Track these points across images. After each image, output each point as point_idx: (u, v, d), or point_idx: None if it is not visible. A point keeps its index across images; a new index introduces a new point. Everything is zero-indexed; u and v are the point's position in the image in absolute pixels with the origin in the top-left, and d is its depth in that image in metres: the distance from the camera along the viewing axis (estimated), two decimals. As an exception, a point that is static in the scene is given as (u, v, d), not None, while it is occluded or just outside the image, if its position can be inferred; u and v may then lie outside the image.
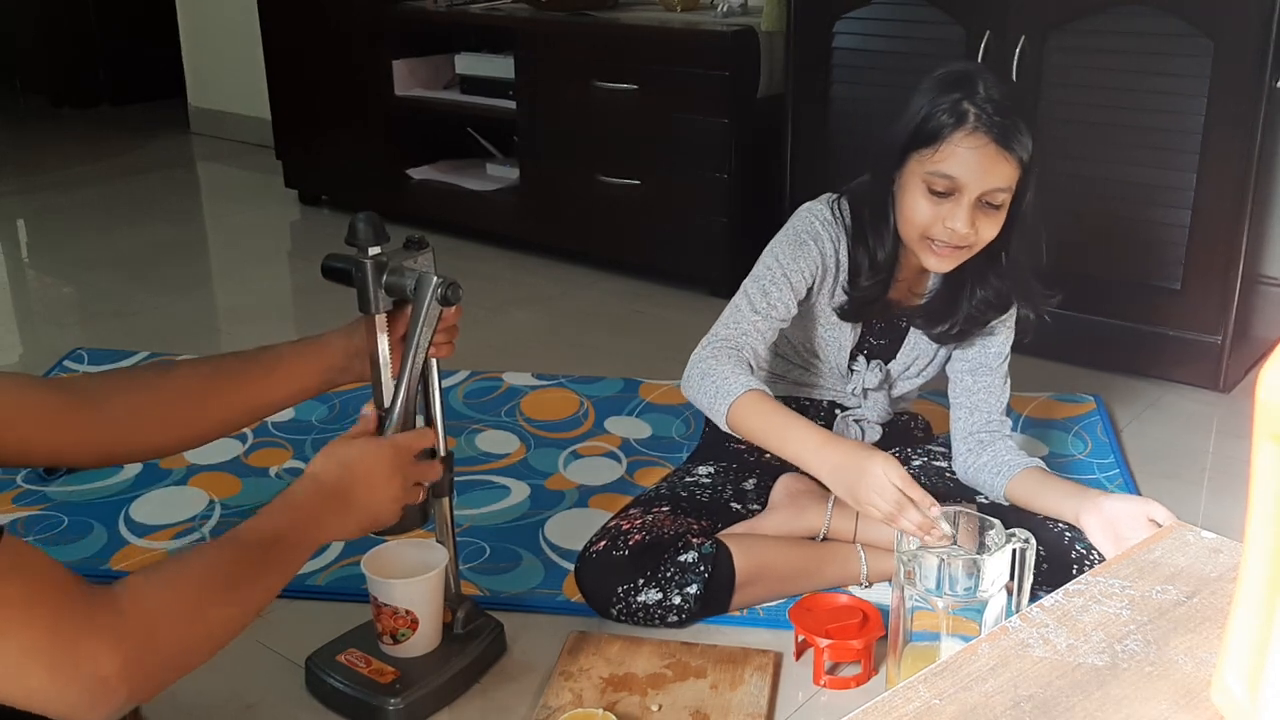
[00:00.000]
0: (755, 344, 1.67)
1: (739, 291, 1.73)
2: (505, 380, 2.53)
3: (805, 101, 2.81)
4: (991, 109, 1.56)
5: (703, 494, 1.82)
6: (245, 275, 3.49)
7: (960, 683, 0.77)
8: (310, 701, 1.54)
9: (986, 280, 1.73)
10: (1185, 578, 0.89)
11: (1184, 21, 2.28)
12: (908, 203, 1.64)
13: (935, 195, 1.60)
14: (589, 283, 3.23)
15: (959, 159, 1.57)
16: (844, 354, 1.82)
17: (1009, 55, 2.46)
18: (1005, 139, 1.56)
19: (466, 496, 2.04)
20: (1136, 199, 2.43)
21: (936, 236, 1.62)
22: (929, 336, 1.81)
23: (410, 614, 1.51)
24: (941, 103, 1.58)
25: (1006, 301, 1.76)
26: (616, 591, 1.64)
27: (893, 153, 1.64)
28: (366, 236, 1.36)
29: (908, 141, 1.61)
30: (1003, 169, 1.58)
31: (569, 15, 3.28)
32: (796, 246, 1.72)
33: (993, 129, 1.56)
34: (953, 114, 1.57)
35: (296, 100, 3.99)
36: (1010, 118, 1.57)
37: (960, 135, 1.57)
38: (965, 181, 1.58)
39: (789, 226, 1.76)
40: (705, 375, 1.62)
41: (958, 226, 1.59)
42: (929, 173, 1.60)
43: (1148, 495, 2.04)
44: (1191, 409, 2.41)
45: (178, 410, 1.29)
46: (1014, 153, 1.57)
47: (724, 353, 1.64)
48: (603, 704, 1.49)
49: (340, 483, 1.26)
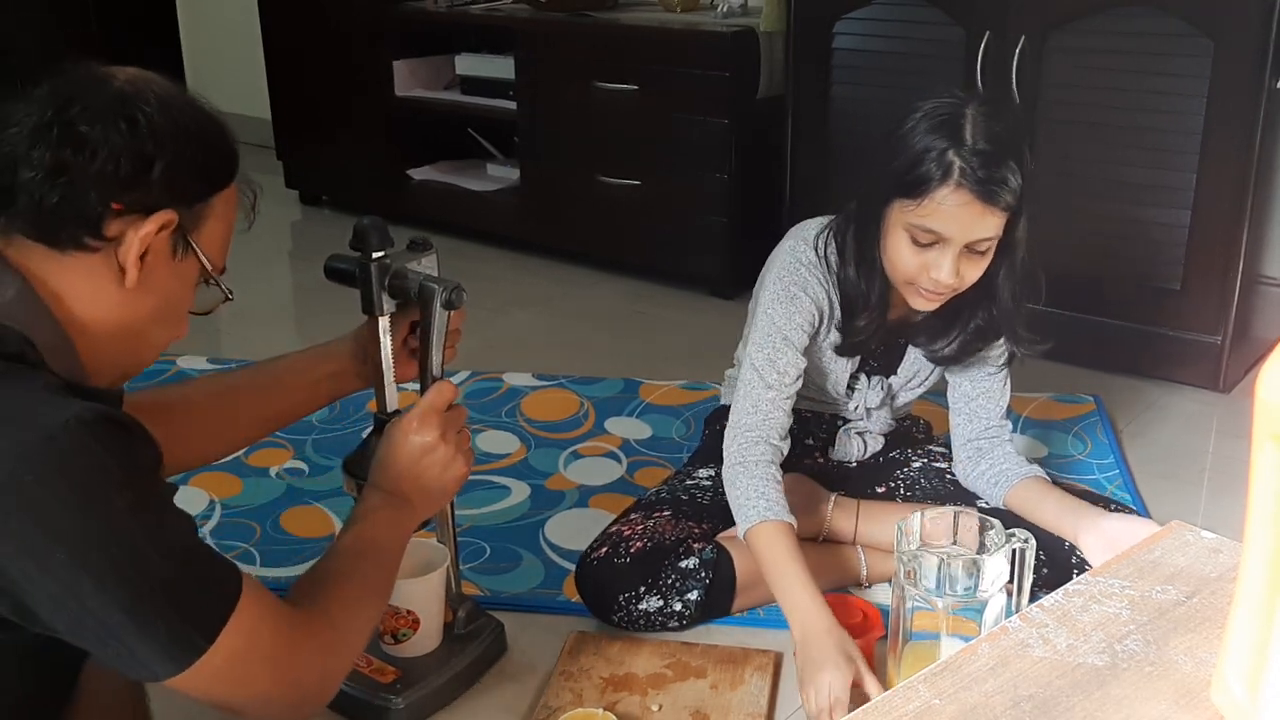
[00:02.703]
0: (777, 420, 1.67)
1: (746, 363, 1.70)
2: (506, 381, 2.54)
3: (805, 102, 2.81)
4: (978, 162, 1.50)
5: (704, 496, 1.82)
6: (245, 275, 3.46)
7: (960, 682, 0.77)
8: (311, 701, 1.54)
9: (981, 309, 1.70)
10: (1185, 578, 0.89)
11: (1184, 21, 2.28)
12: (892, 247, 1.60)
13: (918, 245, 1.56)
14: (589, 283, 3.23)
15: (943, 215, 1.52)
16: (843, 379, 1.81)
17: (1009, 55, 2.46)
18: (990, 195, 1.51)
19: (467, 496, 2.04)
20: (1136, 199, 2.43)
21: (921, 284, 1.59)
22: (926, 356, 1.79)
23: (411, 614, 1.51)
24: (929, 151, 1.52)
25: (998, 331, 1.72)
26: (618, 599, 1.64)
27: (878, 191, 1.59)
28: (373, 242, 1.37)
29: (892, 188, 1.56)
30: (988, 221, 1.53)
31: (569, 15, 3.28)
32: (789, 303, 1.68)
33: (977, 185, 1.50)
34: (939, 166, 1.51)
35: (297, 100, 3.99)
36: (997, 169, 1.50)
37: (945, 191, 1.51)
38: (949, 235, 1.53)
39: (777, 280, 1.70)
40: (732, 484, 1.64)
41: (942, 277, 1.55)
42: (912, 224, 1.55)
43: (1147, 495, 2.04)
44: (1191, 409, 2.41)
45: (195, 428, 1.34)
46: (1000, 203, 1.52)
47: (751, 449, 1.64)
48: (603, 704, 1.49)
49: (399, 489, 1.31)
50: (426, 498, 1.33)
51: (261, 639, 1.04)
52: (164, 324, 1.10)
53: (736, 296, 3.04)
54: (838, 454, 1.87)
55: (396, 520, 1.30)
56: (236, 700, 1.05)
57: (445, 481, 1.34)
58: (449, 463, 1.33)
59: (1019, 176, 1.53)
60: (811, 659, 1.48)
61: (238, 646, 1.01)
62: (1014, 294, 1.66)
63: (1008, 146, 1.53)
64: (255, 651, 1.03)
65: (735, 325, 1.92)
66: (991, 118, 1.54)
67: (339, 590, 1.18)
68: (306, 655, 1.10)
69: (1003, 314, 1.68)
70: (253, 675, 1.04)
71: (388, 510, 1.29)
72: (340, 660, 1.16)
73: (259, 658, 1.04)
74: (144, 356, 1.12)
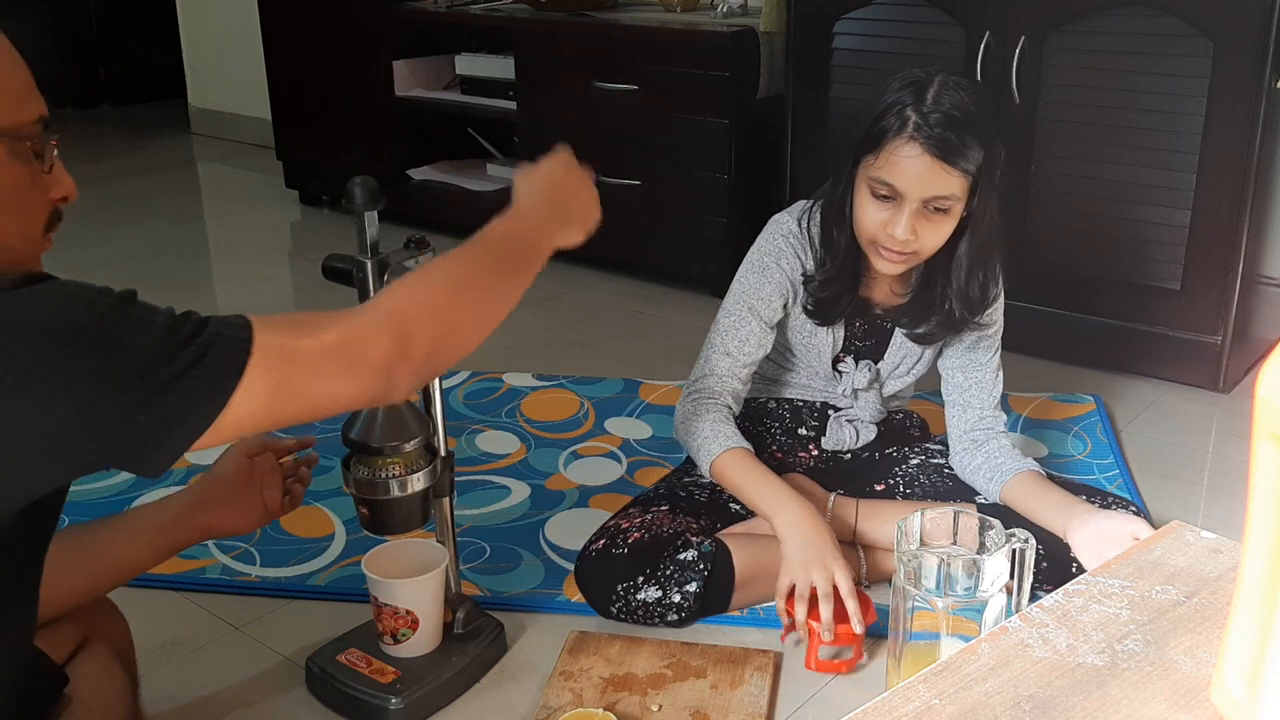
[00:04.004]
0: (732, 386, 1.75)
1: (714, 324, 1.78)
2: (506, 381, 2.54)
3: (805, 102, 2.81)
4: (935, 119, 1.55)
5: (701, 494, 1.82)
6: (245, 275, 3.49)
7: (960, 682, 0.77)
8: (310, 701, 1.54)
9: (950, 282, 1.73)
10: (1185, 578, 0.89)
11: (1184, 21, 2.28)
12: (857, 206, 1.66)
13: (878, 199, 1.62)
14: (589, 283, 3.23)
15: (896, 166, 1.58)
16: (825, 358, 1.82)
17: (1009, 56, 2.46)
18: (944, 151, 1.56)
19: (467, 496, 2.04)
20: (1136, 199, 2.43)
21: (880, 241, 1.64)
22: (909, 337, 1.81)
23: (411, 614, 1.52)
24: (891, 106, 1.59)
25: (977, 304, 1.75)
26: (616, 590, 1.65)
27: (847, 156, 1.66)
28: (363, 200, 1.37)
29: (858, 145, 1.63)
30: (943, 179, 1.58)
31: (569, 15, 3.29)
32: (760, 274, 1.76)
33: (931, 140, 1.55)
34: (897, 119, 1.58)
35: (297, 101, 3.99)
36: (954, 130, 1.56)
37: (899, 143, 1.57)
38: (903, 189, 1.59)
39: (756, 248, 1.79)
40: (689, 432, 1.72)
41: (897, 233, 1.60)
42: (871, 177, 1.61)
43: (1147, 495, 2.04)
44: (1191, 409, 2.41)
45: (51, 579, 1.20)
46: (955, 165, 1.57)
47: (702, 404, 1.73)
48: (603, 704, 1.49)
49: (552, 193, 1.34)
50: (569, 215, 1.36)
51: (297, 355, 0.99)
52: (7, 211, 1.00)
53: (736, 296, 3.04)
54: (830, 443, 1.88)
55: (532, 222, 1.30)
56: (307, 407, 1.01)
57: (582, 206, 1.38)
58: (586, 195, 1.38)
59: (980, 151, 1.58)
60: (814, 548, 1.56)
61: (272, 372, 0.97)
62: (967, 270, 1.70)
63: (969, 116, 1.58)
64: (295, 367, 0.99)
65: (735, 325, 1.91)
66: (958, 89, 1.60)
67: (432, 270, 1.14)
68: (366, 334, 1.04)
69: (956, 288, 1.72)
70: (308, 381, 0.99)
71: (517, 219, 1.29)
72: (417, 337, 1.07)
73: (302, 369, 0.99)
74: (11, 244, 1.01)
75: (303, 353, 0.99)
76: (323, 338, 1.00)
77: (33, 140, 0.99)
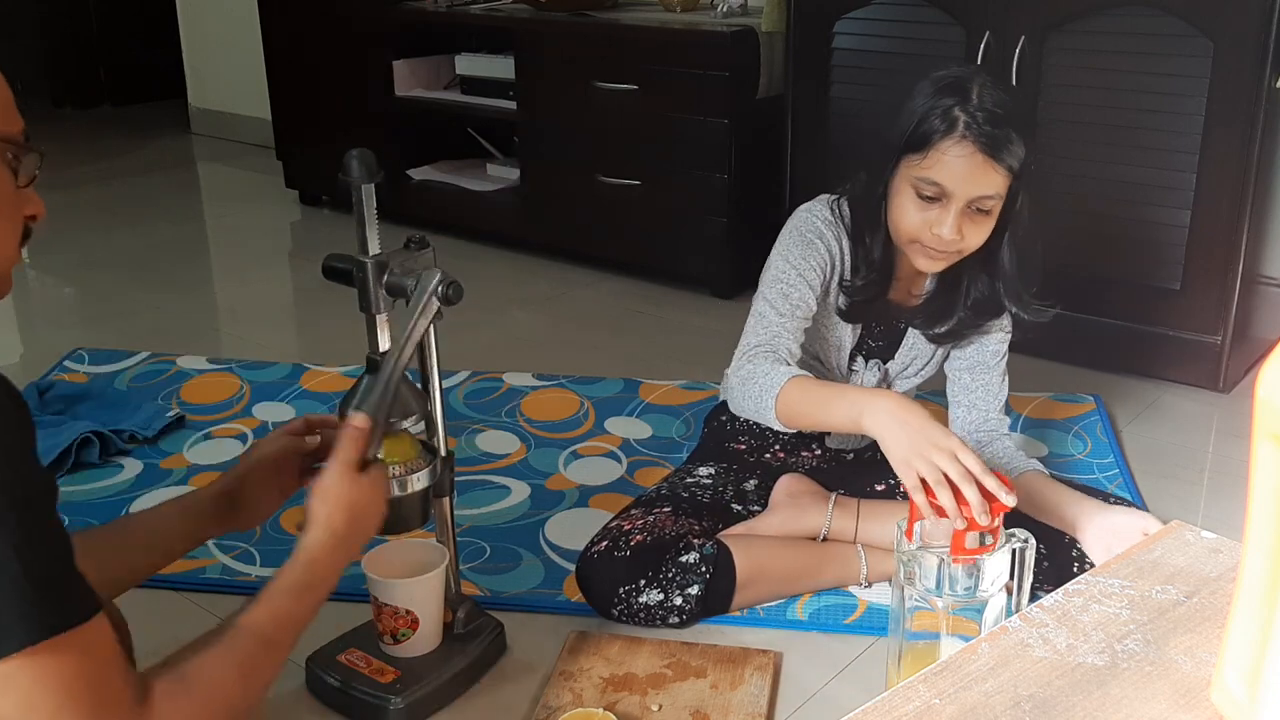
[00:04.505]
0: (788, 343, 1.66)
1: (757, 297, 1.71)
2: (506, 380, 2.53)
3: (805, 102, 2.81)
4: (983, 118, 1.55)
5: (704, 495, 1.82)
6: (245, 275, 3.49)
7: (960, 682, 0.77)
8: (310, 701, 1.54)
9: (980, 282, 1.74)
10: (1185, 577, 0.89)
11: (1184, 21, 2.28)
12: (897, 205, 1.64)
13: (924, 200, 1.60)
14: (589, 283, 3.23)
15: (946, 166, 1.57)
16: (844, 354, 1.82)
17: (1009, 55, 2.46)
18: (994, 149, 1.56)
19: (467, 496, 2.04)
20: (1136, 199, 2.43)
21: (924, 241, 1.63)
22: (927, 337, 1.81)
23: (410, 614, 1.51)
24: (935, 108, 1.58)
25: (1001, 304, 1.76)
26: (618, 592, 1.64)
27: (886, 155, 1.64)
28: (360, 173, 1.36)
29: (900, 145, 1.61)
30: (991, 177, 1.58)
31: (569, 15, 3.29)
32: (805, 246, 1.72)
33: (981, 138, 1.55)
34: (944, 120, 1.57)
35: (297, 100, 3.99)
36: (1002, 127, 1.56)
37: (949, 143, 1.56)
38: (952, 189, 1.58)
39: (791, 228, 1.75)
40: (746, 380, 1.60)
41: (944, 233, 1.60)
42: (917, 178, 1.60)
43: (1147, 495, 2.04)
44: (1191, 409, 2.41)
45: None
46: (1003, 162, 1.57)
47: (760, 355, 1.63)
48: (603, 704, 1.49)
49: (348, 527, 1.27)
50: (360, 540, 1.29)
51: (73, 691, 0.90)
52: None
53: (736, 296, 3.05)
54: (833, 442, 1.88)
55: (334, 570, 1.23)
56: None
57: (368, 530, 1.31)
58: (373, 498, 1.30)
59: (1023, 147, 1.58)
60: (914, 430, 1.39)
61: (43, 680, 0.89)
62: (1017, 263, 1.69)
63: (1012, 114, 1.58)
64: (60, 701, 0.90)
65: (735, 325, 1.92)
66: (998, 88, 1.59)
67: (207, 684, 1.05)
68: None
69: (1007, 282, 1.71)
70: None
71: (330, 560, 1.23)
72: None
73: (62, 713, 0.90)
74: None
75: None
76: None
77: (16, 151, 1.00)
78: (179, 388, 2.51)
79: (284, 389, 2.51)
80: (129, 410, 2.34)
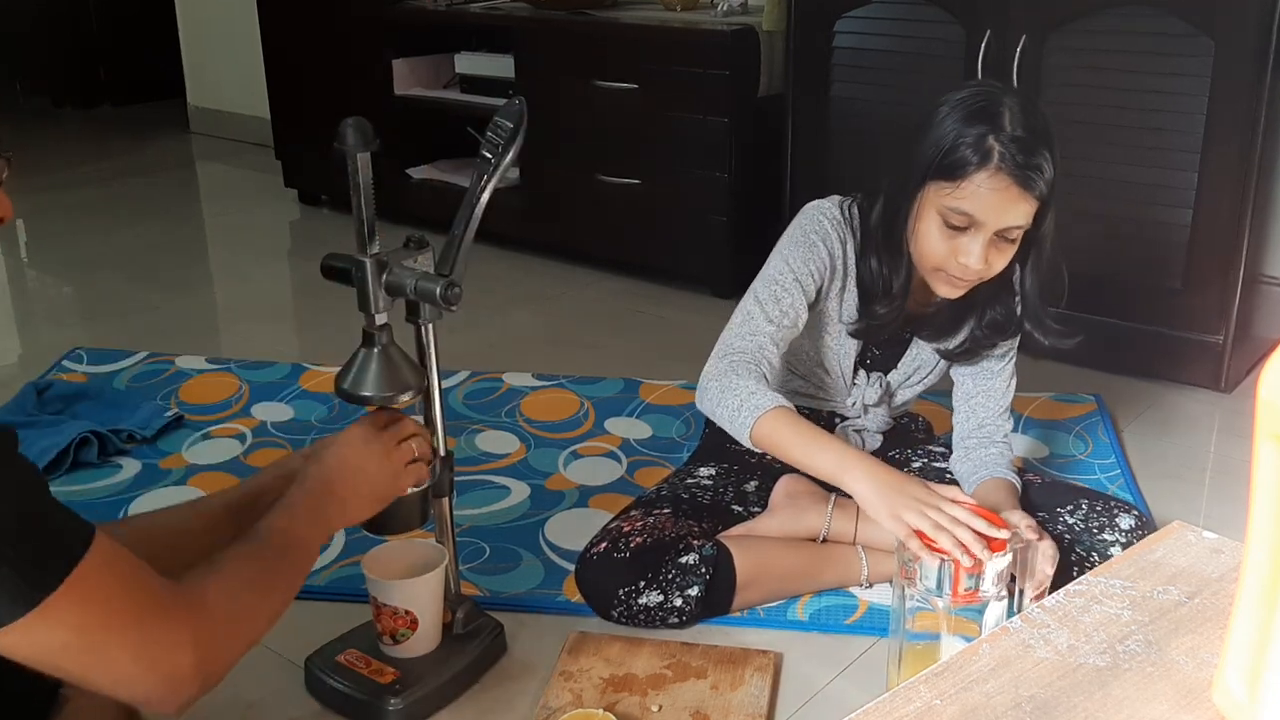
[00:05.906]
0: (770, 355, 1.64)
1: (749, 295, 1.70)
2: (505, 380, 2.53)
3: (805, 101, 2.80)
4: (1015, 148, 1.51)
5: (704, 496, 1.81)
6: (245, 275, 3.49)
7: (961, 683, 0.77)
8: (310, 701, 1.54)
9: (998, 303, 1.71)
10: (1186, 578, 0.89)
11: (1184, 21, 2.28)
12: (922, 232, 1.61)
13: (951, 228, 1.57)
14: (589, 283, 3.23)
15: (980, 199, 1.53)
16: (848, 363, 1.81)
17: (1009, 55, 2.45)
18: (1027, 181, 1.52)
19: (466, 496, 2.04)
20: (1137, 199, 2.42)
21: (949, 270, 1.60)
22: (938, 352, 1.79)
23: (410, 614, 1.51)
24: (966, 136, 1.53)
25: (1016, 326, 1.73)
26: (618, 594, 1.64)
27: (911, 176, 1.60)
28: (355, 141, 1.36)
29: (928, 170, 1.57)
30: (1021, 208, 1.55)
31: (569, 15, 3.28)
32: (806, 248, 1.70)
33: (1016, 171, 1.52)
34: (977, 152, 1.52)
35: (296, 100, 3.99)
36: (1034, 156, 1.52)
37: (983, 175, 1.52)
38: (983, 219, 1.55)
39: (796, 225, 1.73)
40: (725, 390, 1.58)
41: (971, 263, 1.57)
42: (947, 207, 1.56)
43: (1149, 495, 2.04)
44: (1193, 409, 2.41)
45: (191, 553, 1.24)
46: (1035, 190, 1.54)
47: (742, 366, 1.61)
48: (603, 704, 1.49)
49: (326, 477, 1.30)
50: (356, 495, 1.32)
51: (113, 605, 0.96)
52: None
53: (736, 296, 3.02)
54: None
55: (318, 514, 1.26)
56: (92, 675, 0.97)
57: (379, 480, 1.33)
58: (385, 457, 1.33)
59: (1052, 168, 1.55)
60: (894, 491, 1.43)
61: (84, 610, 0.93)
62: (1039, 287, 1.67)
63: (1041, 137, 1.55)
64: (107, 619, 0.95)
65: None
66: (1027, 110, 1.56)
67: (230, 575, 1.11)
68: (174, 635, 1.01)
69: (1028, 307, 1.69)
70: (106, 646, 0.96)
71: (310, 501, 1.26)
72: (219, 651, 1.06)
73: (113, 626, 0.96)
74: None
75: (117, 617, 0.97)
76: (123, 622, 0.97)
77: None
78: (178, 388, 2.51)
79: (283, 389, 2.50)
80: (128, 410, 2.34)
